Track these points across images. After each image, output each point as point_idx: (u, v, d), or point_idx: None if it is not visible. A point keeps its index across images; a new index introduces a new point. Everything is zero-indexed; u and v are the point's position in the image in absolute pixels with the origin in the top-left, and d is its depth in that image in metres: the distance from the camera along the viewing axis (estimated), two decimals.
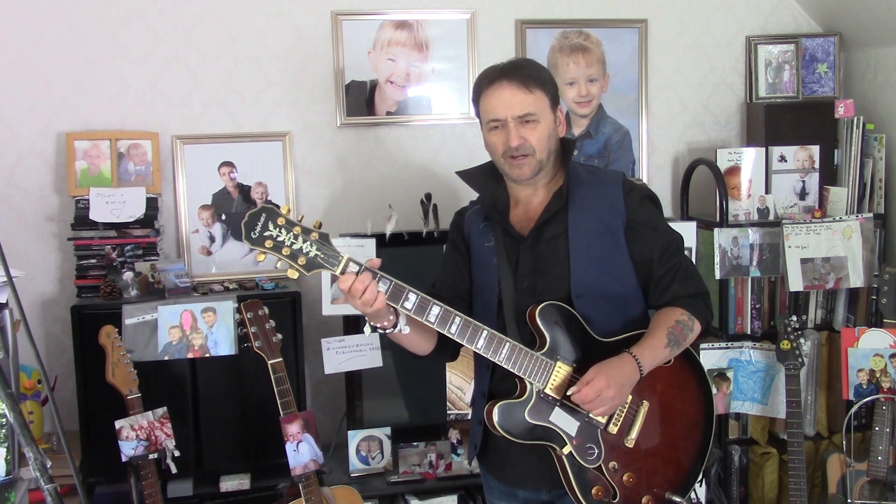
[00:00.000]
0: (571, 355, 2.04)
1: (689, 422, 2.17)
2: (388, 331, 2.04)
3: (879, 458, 3.00)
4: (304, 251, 1.86)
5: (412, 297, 1.93)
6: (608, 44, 3.62)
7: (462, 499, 3.16)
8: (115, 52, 3.26)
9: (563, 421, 2.01)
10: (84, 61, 3.24)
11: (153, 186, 3.23)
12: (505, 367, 2.00)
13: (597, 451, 2.03)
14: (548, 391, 2.01)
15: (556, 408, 2.01)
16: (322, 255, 1.87)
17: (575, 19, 3.60)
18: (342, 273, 1.87)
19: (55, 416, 1.95)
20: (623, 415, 2.06)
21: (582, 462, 2.02)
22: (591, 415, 1.99)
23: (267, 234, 1.84)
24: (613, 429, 2.05)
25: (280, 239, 1.85)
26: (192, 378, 3.02)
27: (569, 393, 1.98)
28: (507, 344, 1.98)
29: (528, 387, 2.01)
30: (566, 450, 2.01)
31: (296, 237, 1.85)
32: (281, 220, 1.85)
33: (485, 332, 1.97)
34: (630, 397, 2.06)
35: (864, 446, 3.15)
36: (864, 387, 3.11)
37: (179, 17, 3.29)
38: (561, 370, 2.01)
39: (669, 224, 2.20)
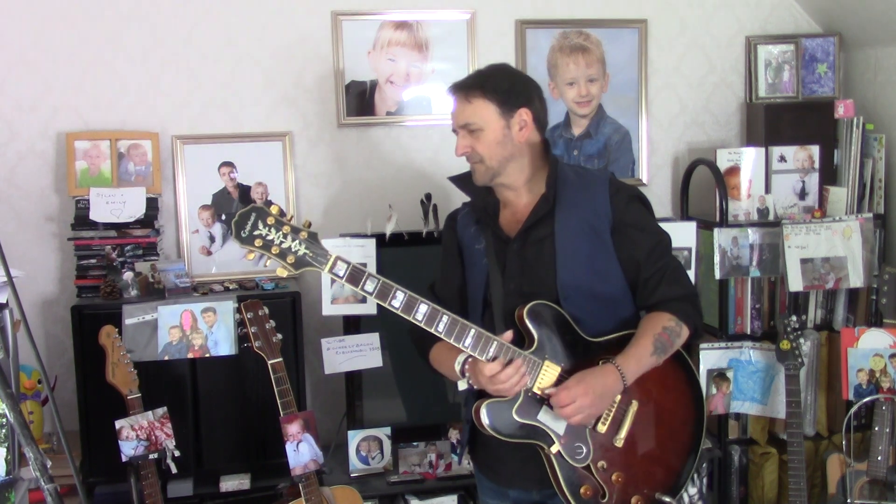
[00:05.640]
0: (560, 355, 2.05)
1: (679, 422, 2.17)
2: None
3: (879, 458, 3.00)
4: (293, 250, 1.90)
5: (400, 295, 1.95)
6: (608, 44, 3.62)
7: (462, 499, 3.16)
8: (115, 52, 3.26)
9: (550, 420, 2.02)
10: (84, 61, 3.24)
11: (153, 186, 3.23)
12: None
13: (585, 450, 2.04)
14: (535, 390, 2.01)
15: (544, 407, 2.02)
16: (311, 254, 1.91)
17: (575, 19, 3.60)
18: (329, 272, 1.91)
19: (55, 416, 1.96)
20: (612, 414, 2.06)
21: (570, 461, 2.03)
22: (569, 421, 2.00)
23: (256, 233, 1.90)
24: (602, 428, 2.06)
25: (269, 238, 1.89)
26: (192, 378, 3.01)
27: (548, 392, 1.99)
28: (495, 343, 1.99)
29: None
30: (554, 448, 2.02)
31: (285, 236, 1.90)
32: (270, 220, 1.90)
33: (472, 330, 1.98)
34: (619, 397, 2.06)
35: (863, 446, 3.15)
36: (864, 387, 3.11)
37: (179, 17, 3.29)
38: (549, 369, 2.02)
39: (661, 225, 2.20)
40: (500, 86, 2.09)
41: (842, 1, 3.59)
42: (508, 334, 2.00)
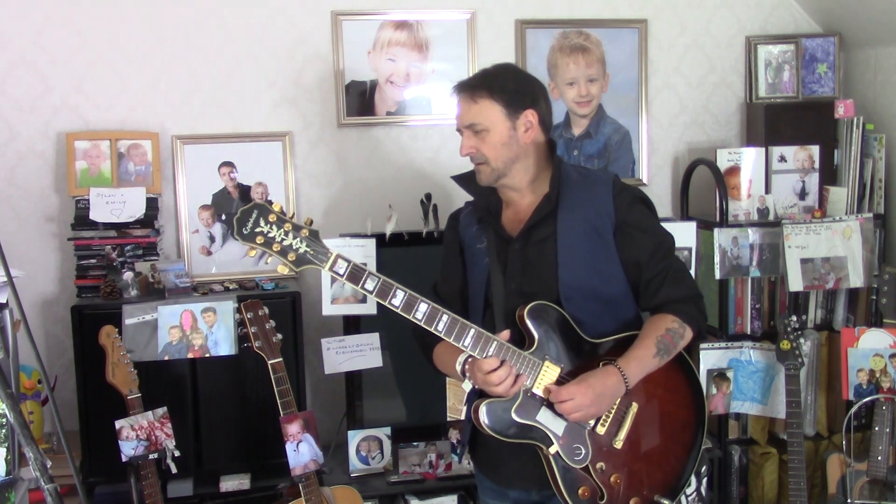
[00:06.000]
0: (560, 355, 2.04)
1: (679, 424, 2.17)
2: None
3: (879, 458, 2.99)
4: (294, 247, 1.91)
5: (400, 294, 1.95)
6: (608, 44, 3.62)
7: (462, 499, 3.16)
8: (115, 52, 3.26)
9: (550, 420, 2.01)
10: (84, 61, 3.24)
11: (153, 186, 3.23)
12: None
13: (584, 452, 2.03)
14: (535, 390, 2.01)
15: (544, 407, 2.01)
16: (311, 252, 1.92)
17: (575, 19, 3.60)
18: (330, 270, 1.92)
19: (55, 416, 1.96)
20: (611, 416, 2.06)
21: (568, 462, 2.02)
22: (568, 418, 2.00)
23: (258, 230, 1.90)
24: (601, 430, 2.05)
25: (271, 235, 1.90)
26: (192, 378, 3.01)
27: (551, 387, 1.99)
28: (495, 342, 1.98)
29: None
30: (553, 449, 2.01)
31: (286, 233, 1.91)
32: (272, 217, 1.90)
33: (472, 330, 1.98)
34: (618, 398, 2.05)
35: (863, 446, 3.15)
36: (864, 387, 3.11)
37: (179, 17, 3.29)
38: (549, 369, 2.01)
39: (664, 226, 2.19)
40: (507, 86, 2.08)
41: (842, 1, 3.59)
42: (506, 333, 2.00)
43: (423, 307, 1.95)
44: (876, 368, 3.10)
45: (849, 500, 3.04)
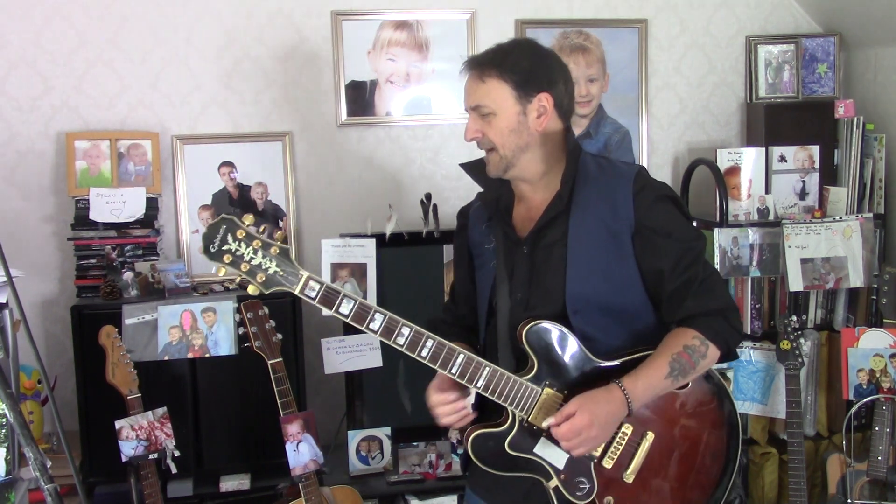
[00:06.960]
0: (562, 380, 1.84)
1: (707, 454, 1.93)
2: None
3: (879, 458, 3.00)
4: (264, 267, 1.75)
5: (378, 317, 1.78)
6: (608, 44, 3.62)
7: (462, 499, 3.16)
8: (115, 52, 3.26)
9: (549, 453, 1.83)
10: (84, 61, 3.24)
11: (153, 186, 3.23)
12: (484, 395, 1.83)
13: (588, 486, 1.84)
14: (532, 421, 1.83)
15: (542, 438, 1.83)
16: (281, 272, 1.76)
17: (575, 19, 3.60)
18: (301, 292, 1.76)
19: (55, 416, 1.95)
20: (621, 448, 1.86)
21: (571, 498, 1.84)
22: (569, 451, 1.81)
23: (226, 247, 1.74)
24: (608, 463, 1.85)
25: (239, 253, 1.74)
26: (192, 378, 3.01)
27: (544, 425, 1.80)
28: (487, 369, 1.81)
29: (511, 415, 1.84)
30: (552, 483, 1.84)
31: (255, 251, 1.75)
32: (241, 233, 1.74)
33: (460, 356, 1.81)
34: (631, 429, 1.86)
35: (864, 446, 3.15)
36: (864, 387, 3.11)
37: (179, 17, 3.29)
38: (548, 398, 1.83)
39: (695, 227, 1.97)
40: (520, 65, 1.84)
41: (842, 1, 3.59)
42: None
43: (405, 331, 1.78)
44: (876, 368, 3.10)
45: (849, 500, 3.04)
